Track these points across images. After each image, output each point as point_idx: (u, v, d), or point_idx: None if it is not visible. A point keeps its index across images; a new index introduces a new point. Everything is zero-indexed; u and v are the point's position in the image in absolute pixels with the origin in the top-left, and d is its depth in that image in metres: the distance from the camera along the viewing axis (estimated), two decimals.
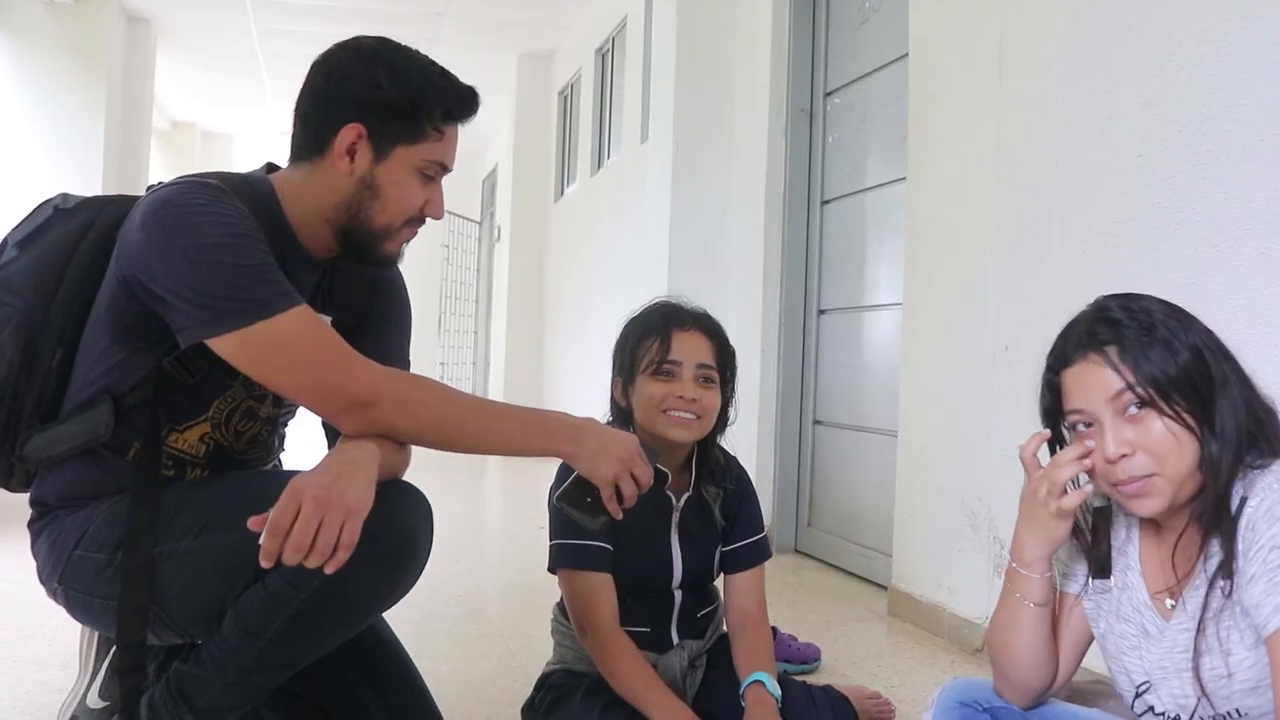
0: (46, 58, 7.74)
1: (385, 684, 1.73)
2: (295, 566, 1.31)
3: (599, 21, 7.68)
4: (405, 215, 1.60)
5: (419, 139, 1.57)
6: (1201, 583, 1.30)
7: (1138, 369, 1.29)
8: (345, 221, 1.59)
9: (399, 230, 1.61)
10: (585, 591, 1.85)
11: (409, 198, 1.59)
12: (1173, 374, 1.28)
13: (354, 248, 1.62)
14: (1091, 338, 1.34)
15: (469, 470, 7.06)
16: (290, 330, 1.44)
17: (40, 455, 1.55)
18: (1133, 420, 1.30)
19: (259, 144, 13.64)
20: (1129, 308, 1.34)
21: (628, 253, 6.27)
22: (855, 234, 4.06)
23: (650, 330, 1.90)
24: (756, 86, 4.58)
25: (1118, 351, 1.31)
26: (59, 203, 1.61)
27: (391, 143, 1.56)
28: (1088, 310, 1.39)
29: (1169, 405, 1.28)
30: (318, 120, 1.57)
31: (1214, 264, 2.12)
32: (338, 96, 1.55)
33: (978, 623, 2.85)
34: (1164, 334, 1.30)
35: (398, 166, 1.57)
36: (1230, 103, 2.12)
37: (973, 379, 2.92)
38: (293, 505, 1.31)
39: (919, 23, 3.29)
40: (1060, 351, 1.38)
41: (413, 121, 1.56)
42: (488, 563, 4.24)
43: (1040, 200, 2.66)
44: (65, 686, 1.94)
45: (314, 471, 1.38)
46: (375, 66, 1.56)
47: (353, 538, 1.32)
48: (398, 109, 1.55)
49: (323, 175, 1.58)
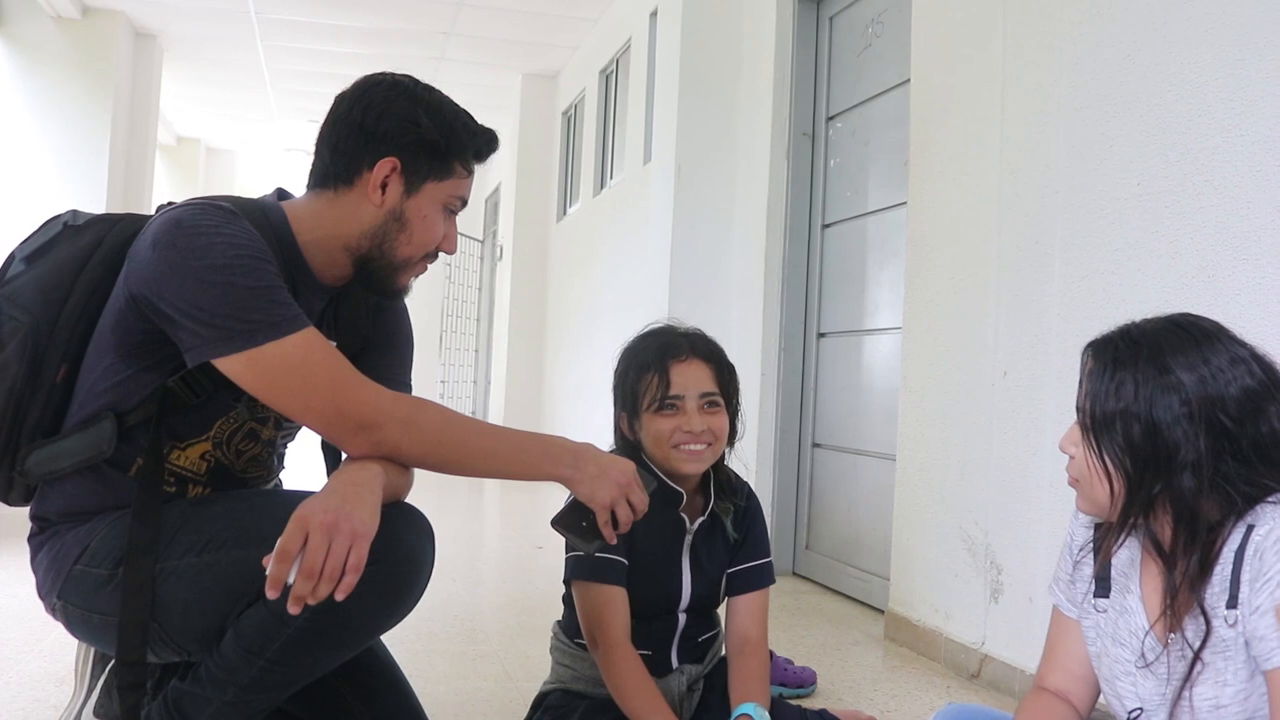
0: (53, 72, 7.78)
1: (381, 704, 1.73)
2: (296, 584, 1.31)
3: (603, 42, 7.72)
4: (426, 249, 1.65)
5: (447, 176, 1.63)
6: (1200, 612, 1.29)
7: (1091, 391, 1.34)
8: (368, 250, 1.62)
9: (417, 263, 1.66)
10: (599, 604, 1.85)
11: (433, 231, 1.64)
12: (1105, 416, 1.32)
13: (370, 277, 1.66)
14: (1105, 343, 1.36)
15: (467, 490, 7.05)
16: (299, 352, 1.46)
17: (42, 470, 1.56)
18: (1082, 430, 1.36)
19: (263, 160, 13.69)
20: (1137, 340, 1.34)
21: (629, 273, 6.29)
22: (856, 257, 4.07)
23: (647, 366, 1.90)
24: (759, 109, 4.61)
25: (1091, 368, 1.36)
26: (68, 219, 1.62)
27: (423, 178, 1.61)
28: (1150, 320, 1.38)
29: (1094, 438, 1.33)
30: (352, 151, 1.60)
31: (1211, 293, 2.14)
32: (375, 130, 1.59)
33: (974, 648, 2.85)
34: (1125, 381, 1.31)
35: (426, 201, 1.62)
36: (1228, 134, 2.14)
37: (972, 403, 2.93)
38: (300, 532, 1.33)
39: (921, 49, 3.31)
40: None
41: (444, 159, 1.62)
42: (485, 582, 4.23)
43: (1041, 226, 2.68)
44: (61, 703, 1.94)
45: (319, 496, 1.39)
46: (415, 105, 1.61)
47: (360, 560, 1.34)
48: (434, 147, 1.60)
49: (349, 204, 1.61)
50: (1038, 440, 2.64)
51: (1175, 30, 2.27)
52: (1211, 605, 1.28)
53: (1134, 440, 1.29)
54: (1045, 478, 2.61)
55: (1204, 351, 1.29)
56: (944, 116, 3.16)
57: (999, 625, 2.78)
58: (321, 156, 1.64)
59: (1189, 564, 1.29)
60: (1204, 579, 1.29)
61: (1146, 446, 1.28)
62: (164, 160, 11.87)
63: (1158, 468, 1.28)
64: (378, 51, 8.39)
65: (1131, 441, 1.29)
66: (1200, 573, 1.29)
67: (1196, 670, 1.28)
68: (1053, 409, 2.58)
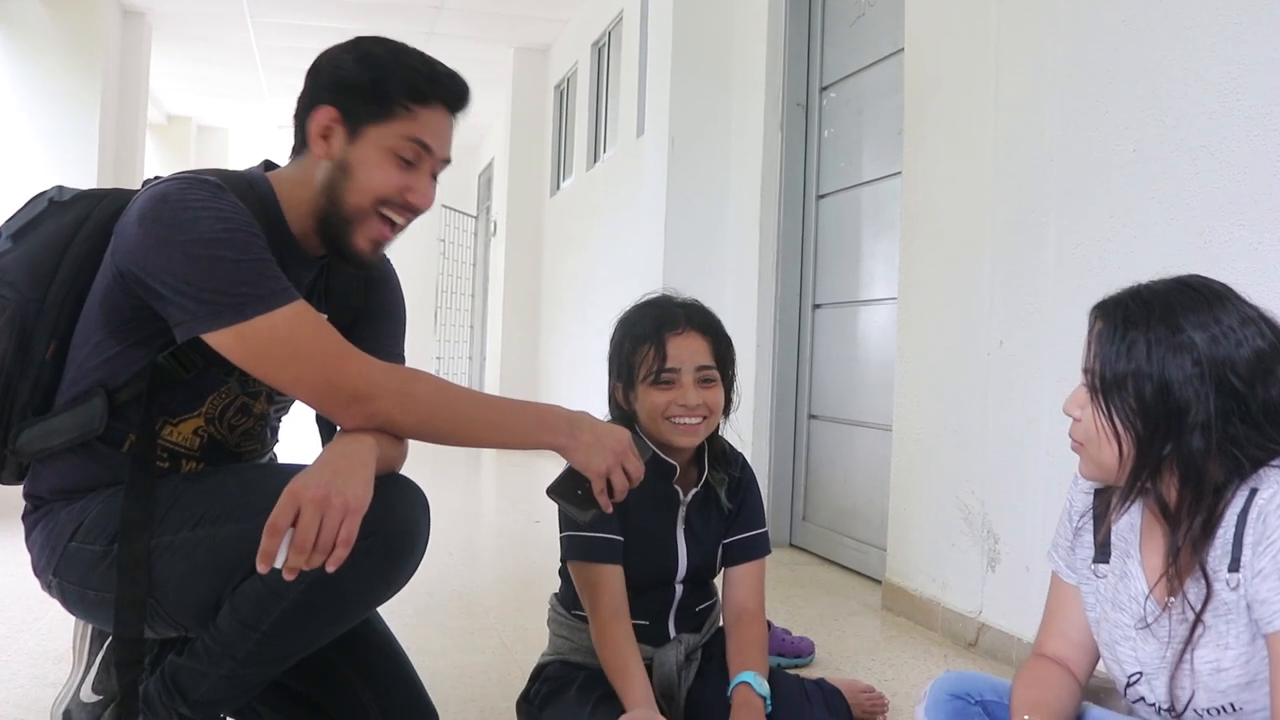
0: (41, 51, 7.71)
1: (379, 677, 1.73)
2: (289, 556, 1.31)
3: (595, 15, 7.67)
4: (374, 195, 1.57)
5: (389, 117, 1.56)
6: (1202, 574, 1.29)
7: (1100, 353, 1.33)
8: (323, 207, 1.59)
9: (369, 215, 1.58)
10: (594, 583, 1.85)
11: (379, 178, 1.57)
12: (1116, 377, 1.30)
13: (329, 238, 1.61)
14: (1115, 304, 1.35)
15: (464, 464, 7.06)
16: (289, 325, 1.45)
17: (34, 448, 1.55)
18: (1088, 391, 1.35)
19: (255, 138, 13.62)
20: (1148, 300, 1.32)
21: (623, 247, 6.27)
22: (851, 228, 4.06)
23: (643, 337, 1.88)
24: (752, 80, 4.58)
25: (1100, 328, 1.34)
26: (54, 195, 1.61)
27: (363, 122, 1.56)
28: (1159, 281, 1.36)
29: (1103, 399, 1.32)
30: (302, 111, 1.59)
31: (1208, 258, 2.13)
32: (312, 83, 1.58)
33: (971, 617, 2.86)
34: (1137, 341, 1.30)
35: (369, 146, 1.56)
36: (1225, 98, 2.12)
37: (968, 373, 2.92)
38: (291, 507, 1.32)
39: (915, 17, 3.29)
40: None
41: (381, 100, 1.56)
42: (482, 556, 4.24)
43: (1037, 194, 2.67)
44: (60, 680, 1.94)
45: (311, 470, 1.38)
46: (347, 52, 1.58)
47: (351, 534, 1.33)
48: (361, 88, 1.55)
49: (308, 165, 1.60)
50: (1034, 409, 2.64)
51: None
52: (1213, 568, 1.28)
53: (1145, 401, 1.28)
54: (1041, 446, 2.61)
55: (1215, 311, 1.28)
56: (938, 85, 3.14)
57: (996, 594, 2.78)
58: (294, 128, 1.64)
59: (1192, 525, 1.28)
60: (1206, 541, 1.28)
61: (1158, 407, 1.27)
62: (155, 139, 11.81)
63: (1168, 428, 1.27)
64: (368, 26, 8.26)
65: (1143, 402, 1.28)
66: (1203, 534, 1.28)
67: (1198, 633, 1.28)
68: (1049, 377, 2.58)
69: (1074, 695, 1.44)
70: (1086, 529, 1.47)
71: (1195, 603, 1.29)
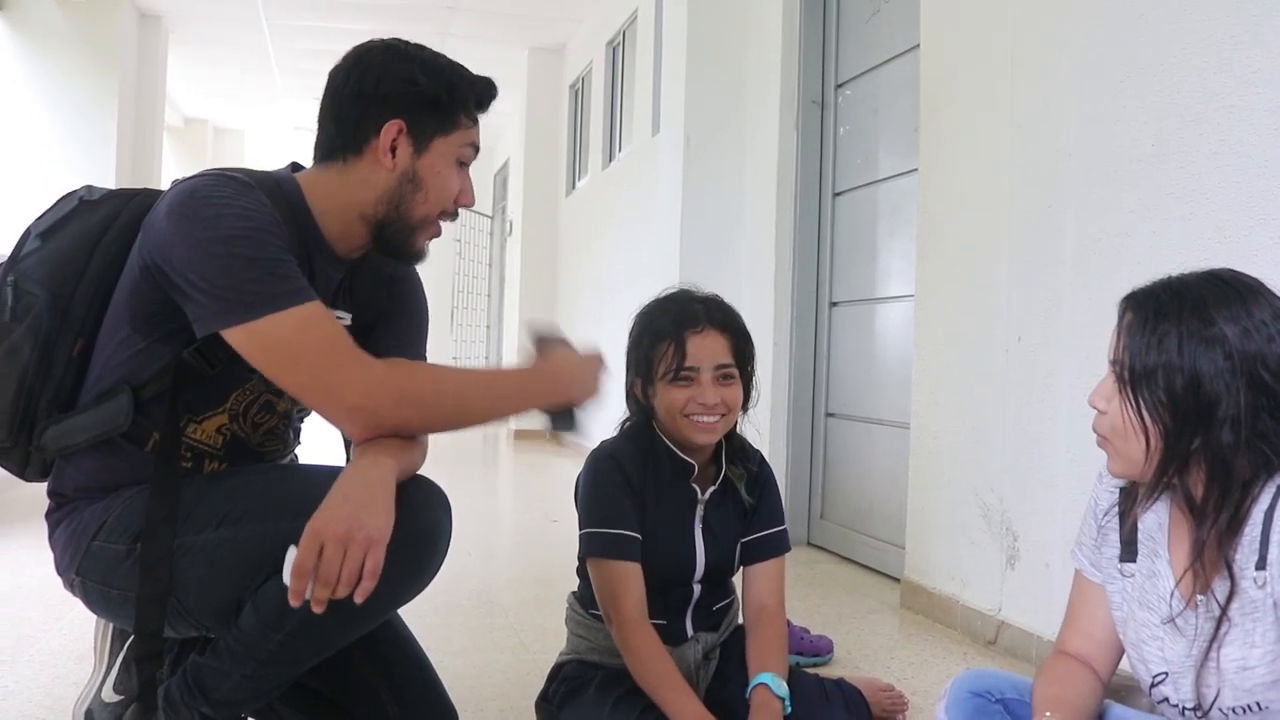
0: (59, 54, 7.75)
1: (399, 677, 1.73)
2: (315, 591, 1.33)
3: (610, 14, 7.66)
4: (444, 204, 1.65)
5: (454, 129, 1.63)
6: (1228, 571, 1.28)
7: (1130, 344, 1.31)
8: (385, 215, 1.62)
9: (434, 222, 1.66)
10: (613, 580, 1.84)
11: (448, 186, 1.64)
12: (1145, 369, 1.28)
13: (388, 241, 1.65)
14: (1145, 296, 1.33)
15: (482, 464, 7.08)
16: (295, 326, 1.45)
17: (58, 445, 1.56)
18: (1115, 383, 1.33)
19: (271, 139, 13.67)
20: (1180, 292, 1.30)
21: (639, 246, 6.27)
22: (867, 226, 4.05)
23: (662, 334, 1.88)
24: (768, 78, 4.57)
25: (1130, 320, 1.32)
26: (84, 194, 1.62)
27: (430, 135, 1.61)
28: (1190, 273, 1.34)
29: (1132, 391, 1.30)
30: (355, 119, 1.60)
31: (1227, 255, 2.11)
32: (375, 95, 1.59)
33: (990, 615, 2.84)
34: (1168, 333, 1.28)
35: (438, 158, 1.62)
36: (1245, 93, 2.11)
37: (986, 370, 2.91)
38: (315, 546, 1.33)
39: (930, 13, 3.28)
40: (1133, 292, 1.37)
41: (448, 113, 1.62)
42: (501, 555, 4.25)
43: (1054, 190, 2.65)
44: (81, 680, 1.96)
45: (332, 503, 1.37)
46: (411, 64, 1.61)
47: (377, 566, 1.34)
48: (435, 102, 1.60)
49: (361, 172, 1.61)
50: (1052, 405, 2.63)
51: None
52: (1240, 565, 1.27)
53: (1175, 393, 1.26)
54: (1061, 442, 2.60)
55: (1247, 305, 1.26)
56: (953, 81, 3.13)
57: (1015, 592, 2.77)
58: (325, 130, 1.63)
59: (1218, 520, 1.27)
60: (1233, 538, 1.27)
61: (1188, 400, 1.26)
62: (172, 142, 11.87)
63: (1197, 422, 1.26)
64: (382, 27, 8.28)
65: (1173, 394, 1.27)
66: (1229, 530, 1.27)
67: (1223, 630, 1.27)
68: (1067, 373, 2.57)
69: (1096, 693, 1.43)
70: (1112, 527, 1.45)
71: (1221, 599, 1.28)
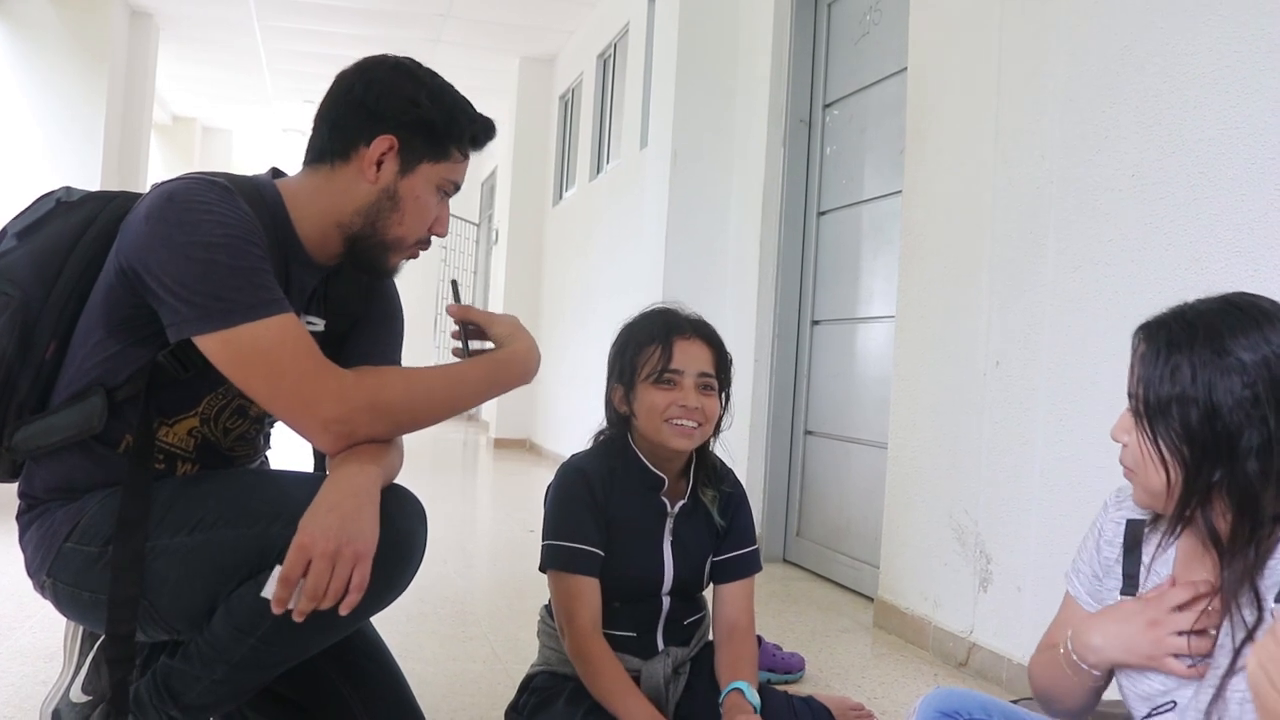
0: (48, 50, 7.72)
1: (368, 685, 1.73)
2: (301, 604, 1.35)
3: (601, 27, 7.69)
4: (418, 231, 1.65)
5: (443, 158, 1.63)
6: (1255, 599, 1.24)
7: (1144, 376, 1.27)
8: (360, 228, 1.62)
9: (409, 247, 1.66)
10: (570, 593, 1.86)
11: (426, 211, 1.64)
12: (1160, 402, 1.25)
13: (360, 255, 1.65)
14: (1158, 326, 1.30)
15: (459, 472, 7.06)
16: (272, 336, 1.45)
17: (30, 445, 1.55)
18: (1135, 416, 1.29)
19: (259, 141, 13.64)
20: (1192, 322, 1.26)
21: (624, 258, 6.28)
22: (851, 245, 4.07)
23: (651, 338, 1.91)
24: (756, 96, 4.60)
25: (1143, 352, 1.29)
26: (61, 195, 1.62)
27: (419, 158, 1.61)
28: (1204, 300, 1.31)
29: (1148, 425, 1.26)
30: (351, 127, 1.60)
31: (1205, 285, 2.10)
32: (376, 108, 1.59)
33: (962, 636, 2.86)
34: (1181, 364, 1.24)
35: (421, 182, 1.62)
36: (1224, 125, 2.13)
37: (964, 392, 2.93)
38: (302, 560, 1.35)
39: (918, 37, 3.31)
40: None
41: (441, 142, 1.62)
42: (476, 565, 4.24)
43: (1036, 216, 2.68)
44: (50, 678, 1.95)
45: (318, 514, 1.39)
46: (418, 86, 1.62)
47: (364, 580, 1.36)
48: (431, 128, 1.61)
49: (344, 180, 1.61)
50: (1029, 430, 2.65)
51: (1172, 20, 2.27)
52: (1262, 595, 1.23)
53: (1191, 426, 1.22)
54: (1036, 467, 2.62)
55: (1265, 331, 1.22)
56: (940, 105, 3.15)
57: (987, 614, 2.79)
58: (320, 132, 1.63)
59: (1247, 555, 1.22)
60: (1260, 571, 1.23)
61: (1205, 432, 1.22)
62: (160, 140, 11.82)
63: (1218, 454, 1.22)
64: (374, 33, 8.36)
65: (1189, 427, 1.23)
66: (1257, 564, 1.23)
67: (1240, 661, 1.23)
68: (1044, 399, 2.59)
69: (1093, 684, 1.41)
70: (1116, 560, 1.42)
71: (1247, 625, 1.24)
